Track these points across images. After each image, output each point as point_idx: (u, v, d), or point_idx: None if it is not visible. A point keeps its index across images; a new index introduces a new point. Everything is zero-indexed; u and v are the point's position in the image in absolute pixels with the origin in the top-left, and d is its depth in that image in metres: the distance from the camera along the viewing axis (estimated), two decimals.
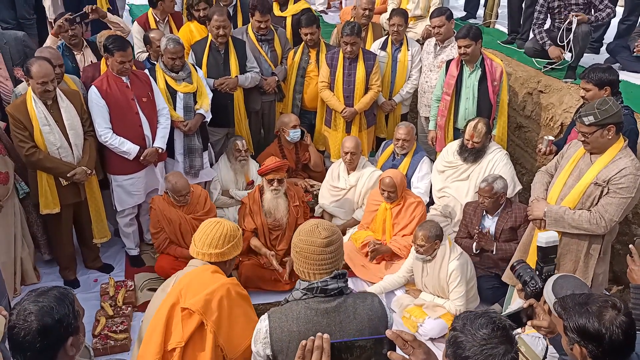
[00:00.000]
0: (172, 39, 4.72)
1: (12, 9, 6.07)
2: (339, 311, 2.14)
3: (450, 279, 4.10)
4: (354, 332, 2.15)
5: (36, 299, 1.94)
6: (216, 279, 2.53)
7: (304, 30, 5.50)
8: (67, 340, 1.94)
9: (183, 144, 4.96)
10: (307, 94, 5.74)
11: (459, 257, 4.13)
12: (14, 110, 4.10)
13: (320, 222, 2.22)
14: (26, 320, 1.88)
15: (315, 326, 2.11)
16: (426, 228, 4.07)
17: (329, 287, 2.14)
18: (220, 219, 2.71)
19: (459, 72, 5.12)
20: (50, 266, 4.88)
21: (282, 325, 2.14)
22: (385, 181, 4.56)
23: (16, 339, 1.88)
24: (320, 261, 2.14)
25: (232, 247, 2.64)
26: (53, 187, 4.28)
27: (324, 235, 2.14)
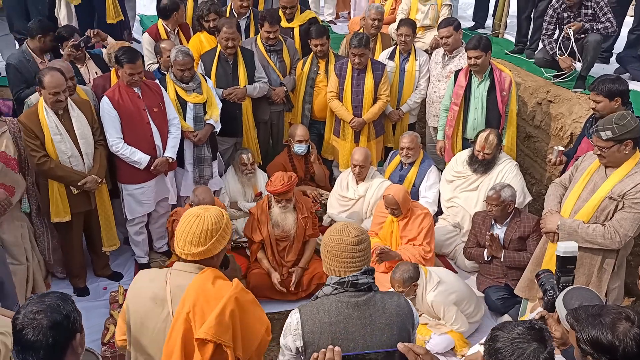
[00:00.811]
0: (181, 50, 4.76)
1: (25, 20, 6.15)
2: (368, 305, 2.25)
3: (434, 310, 4.04)
4: (383, 325, 2.25)
5: (40, 299, 1.98)
6: (221, 291, 2.34)
7: (314, 42, 5.54)
8: (75, 337, 1.98)
9: (193, 154, 4.99)
10: (316, 104, 5.76)
11: (435, 287, 4.01)
12: (26, 120, 4.15)
13: (349, 222, 2.36)
14: (35, 319, 1.91)
15: (347, 318, 2.22)
16: (399, 274, 3.95)
17: (360, 282, 2.24)
18: (201, 212, 2.40)
19: (467, 82, 5.13)
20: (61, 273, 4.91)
21: (314, 317, 2.23)
22: (388, 198, 4.53)
23: (27, 340, 1.90)
24: (351, 259, 2.25)
25: (216, 241, 2.37)
26: (64, 196, 4.32)
27: (354, 234, 2.26)
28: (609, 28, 5.36)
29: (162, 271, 2.46)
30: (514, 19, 7.25)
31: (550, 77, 5.79)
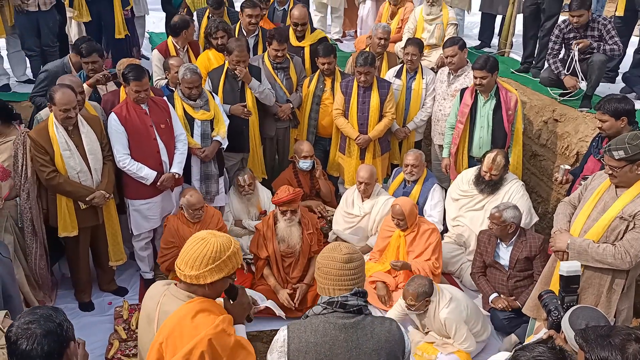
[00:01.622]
0: (189, 68, 4.81)
1: (37, 37, 6.25)
2: (356, 328, 2.21)
3: (446, 328, 4.00)
4: (370, 350, 2.21)
5: (32, 311, 2.02)
6: (198, 328, 2.22)
7: (321, 60, 5.59)
8: (69, 345, 2.01)
9: (200, 170, 5.02)
10: (322, 121, 5.80)
11: (448, 305, 3.98)
12: (35, 135, 4.19)
13: (340, 242, 2.34)
14: (29, 329, 1.93)
15: (332, 339, 2.19)
16: (414, 287, 3.93)
17: (349, 303, 2.22)
18: (208, 236, 2.33)
19: (473, 100, 5.16)
20: (66, 288, 4.93)
21: (301, 335, 2.21)
22: (395, 208, 4.56)
23: (22, 350, 1.92)
24: (340, 277, 2.23)
25: (212, 270, 2.26)
26: (72, 211, 4.35)
27: (344, 252, 2.25)
28: (615, 51, 5.38)
29: (161, 289, 2.42)
30: (520, 38, 7.31)
31: (556, 96, 5.80)
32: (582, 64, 5.49)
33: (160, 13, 8.54)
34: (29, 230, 4.35)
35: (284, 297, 4.59)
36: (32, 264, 4.42)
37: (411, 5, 7.07)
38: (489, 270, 4.62)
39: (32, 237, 4.38)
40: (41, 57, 6.45)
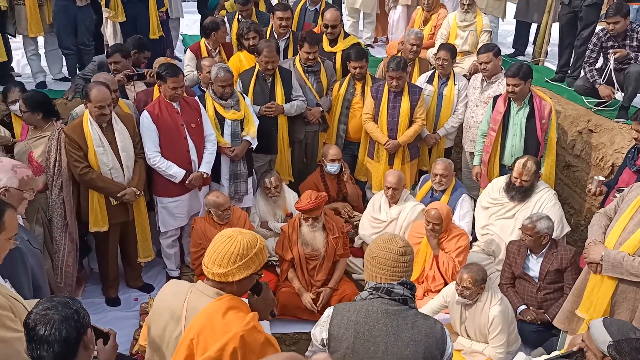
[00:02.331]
0: (222, 67, 4.87)
1: (74, 36, 6.40)
2: (398, 316, 2.29)
3: (491, 326, 3.92)
4: (408, 340, 2.27)
5: (50, 299, 2.05)
6: (229, 325, 2.23)
7: (353, 64, 5.58)
8: (86, 332, 2.03)
9: (229, 170, 5.06)
10: (351, 125, 5.78)
11: (500, 303, 3.92)
12: (70, 131, 4.28)
13: (395, 234, 2.43)
14: (47, 315, 1.97)
15: (373, 321, 2.29)
16: (473, 271, 3.87)
17: (395, 291, 2.30)
18: (235, 234, 2.33)
19: (506, 108, 5.08)
20: (94, 283, 5.01)
21: (344, 313, 2.34)
22: (431, 213, 4.49)
23: (40, 335, 1.95)
24: (394, 268, 2.31)
25: (240, 267, 2.27)
26: (103, 206, 4.42)
27: (400, 245, 2.34)
28: None
29: (186, 286, 2.42)
30: (555, 47, 7.19)
31: (592, 106, 5.68)
32: (619, 74, 5.37)
33: (195, 16, 8.68)
34: (59, 225, 4.41)
35: (307, 300, 4.58)
36: (58, 260, 4.44)
37: (445, 11, 7.02)
38: (518, 282, 4.53)
39: (62, 232, 4.42)
40: (77, 56, 6.60)
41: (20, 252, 2.84)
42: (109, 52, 5.29)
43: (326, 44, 6.07)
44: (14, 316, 2.41)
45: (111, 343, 2.32)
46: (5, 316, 2.39)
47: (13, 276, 2.77)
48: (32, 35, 6.46)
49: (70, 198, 4.42)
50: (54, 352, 1.96)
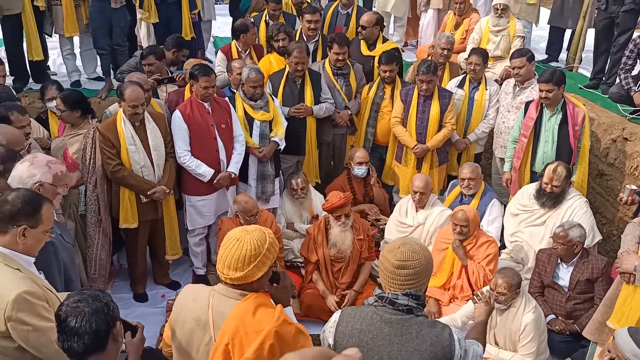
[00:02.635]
0: (253, 68, 4.93)
1: (109, 37, 6.52)
2: (402, 325, 2.22)
3: (523, 333, 3.84)
4: (412, 350, 2.20)
5: (80, 291, 2.10)
6: (261, 323, 2.24)
7: (384, 67, 5.56)
8: (115, 325, 2.07)
9: (257, 170, 5.10)
10: (379, 128, 5.76)
11: (534, 310, 3.85)
12: (104, 129, 4.37)
13: (406, 243, 2.29)
14: (77, 307, 2.02)
15: (377, 330, 2.24)
16: (509, 276, 3.79)
17: (398, 301, 2.23)
18: (242, 235, 2.29)
19: (538, 114, 5.00)
20: (122, 279, 5.09)
21: (349, 320, 2.31)
22: (458, 215, 4.44)
23: (71, 327, 2.00)
24: (390, 279, 2.26)
25: (256, 267, 2.26)
26: (133, 203, 4.50)
27: (398, 257, 2.24)
28: None
29: (205, 291, 2.39)
30: (589, 54, 7.05)
31: (626, 114, 5.55)
32: None
33: (227, 18, 8.76)
34: (93, 220, 4.50)
35: (331, 303, 4.57)
36: (92, 254, 4.53)
37: (477, 15, 6.95)
38: (547, 291, 4.44)
39: (96, 227, 4.51)
40: (111, 56, 6.72)
41: (53, 246, 2.91)
42: (143, 54, 5.40)
43: (364, 47, 6.07)
44: (48, 306, 2.47)
45: (139, 336, 2.35)
46: (40, 306, 2.45)
47: (46, 269, 2.84)
48: (68, 35, 6.60)
49: (104, 195, 4.52)
50: (84, 344, 2.00)
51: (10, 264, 2.47)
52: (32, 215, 2.49)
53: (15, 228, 2.47)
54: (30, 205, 2.49)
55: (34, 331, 2.42)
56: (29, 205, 2.49)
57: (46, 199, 2.63)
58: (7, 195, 2.53)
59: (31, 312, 2.41)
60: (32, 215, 2.49)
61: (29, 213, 2.48)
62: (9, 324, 2.39)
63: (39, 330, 2.42)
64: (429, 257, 2.30)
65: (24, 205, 2.48)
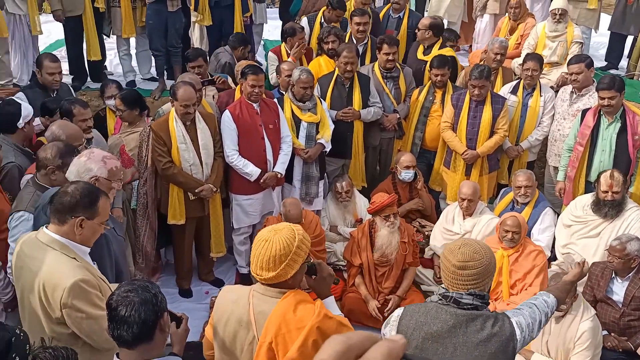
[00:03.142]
0: (304, 70, 4.98)
1: (164, 38, 6.69)
2: (467, 318, 2.28)
3: (579, 340, 3.70)
4: (477, 341, 2.25)
5: (131, 282, 2.16)
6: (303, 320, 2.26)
7: (435, 72, 5.49)
8: (163, 315, 2.11)
9: (301, 171, 5.12)
10: (427, 133, 5.69)
11: (593, 319, 3.71)
12: (157, 127, 4.49)
13: (467, 244, 2.33)
14: (127, 297, 2.07)
15: (442, 323, 2.29)
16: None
17: (463, 300, 2.29)
18: (270, 235, 2.30)
19: (595, 122, 4.81)
20: (169, 274, 5.20)
21: (413, 314, 2.37)
22: (508, 222, 4.33)
23: (121, 316, 2.05)
24: (453, 279, 2.30)
25: (287, 266, 2.26)
26: (182, 200, 4.59)
27: (459, 258, 2.27)
28: None
29: (245, 291, 2.41)
30: None
31: None
32: None
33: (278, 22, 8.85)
34: (141, 213, 4.66)
35: (372, 308, 4.53)
36: (139, 244, 4.70)
37: (532, 20, 6.77)
38: (600, 306, 4.25)
39: (144, 219, 4.67)
40: (165, 57, 6.90)
41: (106, 238, 3.00)
42: (190, 57, 5.46)
43: (420, 52, 6.02)
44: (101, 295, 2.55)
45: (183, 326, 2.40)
46: (94, 294, 2.53)
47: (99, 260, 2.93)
48: (126, 36, 6.81)
49: (152, 190, 4.63)
50: (133, 333, 2.05)
51: (67, 252, 2.56)
52: (90, 207, 2.57)
53: (73, 219, 2.55)
54: (88, 198, 2.57)
55: (87, 318, 2.50)
56: (87, 197, 2.57)
57: (103, 192, 2.71)
58: (67, 188, 2.62)
59: (85, 300, 2.50)
60: (90, 207, 2.58)
61: (86, 205, 2.57)
62: (64, 310, 2.48)
63: (92, 317, 2.50)
64: (491, 256, 2.33)
65: (82, 198, 2.56)
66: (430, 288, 5.02)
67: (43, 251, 2.56)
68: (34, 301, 2.56)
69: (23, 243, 2.66)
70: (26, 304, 2.63)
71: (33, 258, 2.57)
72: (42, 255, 2.55)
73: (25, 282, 2.59)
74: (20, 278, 2.63)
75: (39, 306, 2.55)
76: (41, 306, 2.54)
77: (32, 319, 2.62)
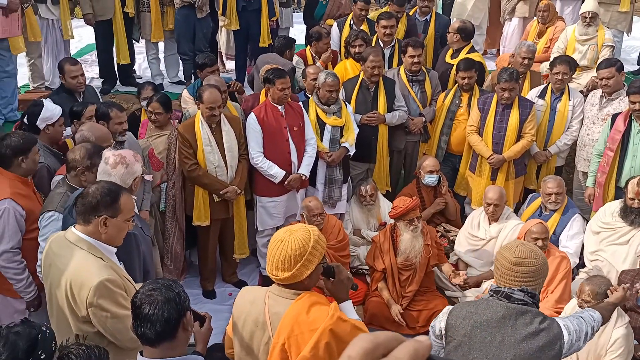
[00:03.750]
0: (330, 73, 4.99)
1: (192, 43, 6.78)
2: (518, 311, 2.34)
3: (611, 348, 3.62)
4: (525, 334, 2.32)
5: (155, 280, 2.19)
6: (316, 322, 2.25)
7: (461, 75, 5.44)
8: (185, 315, 2.14)
9: (325, 174, 5.12)
10: (453, 137, 5.63)
11: (627, 326, 3.64)
12: (183, 130, 4.55)
13: (524, 244, 2.46)
14: (151, 295, 2.10)
15: (492, 313, 2.37)
16: (595, 284, 3.65)
17: (514, 296, 2.36)
18: (285, 236, 2.29)
19: (626, 127, 4.71)
20: (193, 275, 5.24)
21: (463, 306, 2.49)
22: (534, 229, 4.25)
23: (145, 314, 2.08)
24: (507, 275, 2.38)
25: (302, 266, 2.25)
26: (207, 202, 4.64)
27: (516, 255, 2.37)
28: None
29: (261, 292, 2.42)
30: None
31: None
32: None
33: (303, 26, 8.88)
34: (170, 215, 4.73)
35: (395, 312, 4.49)
36: (168, 246, 4.76)
37: (562, 24, 6.66)
38: (630, 314, 4.13)
39: (172, 221, 4.74)
40: (193, 61, 6.98)
41: (135, 238, 3.06)
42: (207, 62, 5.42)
43: (448, 56, 5.99)
44: (126, 295, 2.58)
45: (207, 325, 2.42)
46: (119, 294, 2.57)
47: (128, 260, 2.98)
48: (154, 41, 6.93)
49: (180, 192, 4.70)
50: (156, 331, 2.08)
51: (94, 252, 2.61)
52: (111, 206, 2.62)
53: (97, 218, 2.60)
54: (109, 197, 2.62)
55: (112, 318, 2.55)
56: (108, 196, 2.62)
57: (124, 189, 2.76)
58: (88, 189, 2.69)
59: (111, 299, 2.54)
60: (111, 205, 2.62)
61: (108, 204, 2.61)
62: (90, 309, 2.53)
63: (116, 317, 2.54)
64: (545, 259, 2.43)
65: (103, 197, 2.61)
66: (454, 294, 4.95)
67: (71, 250, 2.61)
68: (61, 299, 2.62)
69: (52, 242, 2.72)
70: (54, 302, 2.69)
71: (61, 256, 2.63)
72: (70, 254, 2.60)
73: (54, 280, 2.65)
74: (49, 276, 2.69)
75: (65, 304, 2.60)
76: (68, 304, 2.59)
77: (59, 316, 2.67)
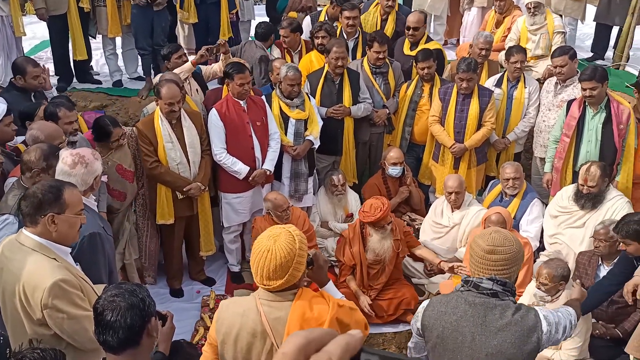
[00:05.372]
0: (291, 66, 4.96)
1: (150, 37, 6.65)
2: (486, 307, 2.33)
3: None
4: (495, 330, 2.31)
5: (118, 286, 2.13)
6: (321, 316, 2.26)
7: (421, 65, 5.49)
8: (150, 321, 2.08)
9: (290, 168, 5.12)
10: (416, 127, 5.69)
11: None
12: (142, 127, 4.47)
13: (498, 231, 2.41)
14: (114, 301, 2.03)
15: (461, 312, 2.37)
16: (552, 267, 3.72)
17: (482, 285, 2.34)
18: (270, 245, 2.23)
19: (581, 113, 4.84)
20: (159, 274, 5.17)
21: (435, 305, 2.47)
22: (493, 218, 4.35)
23: (107, 322, 2.02)
24: (479, 264, 2.35)
25: (294, 270, 2.24)
26: (170, 200, 4.58)
27: (489, 242, 2.34)
28: None
29: (250, 302, 2.34)
30: (637, 52, 6.79)
31: None
32: None
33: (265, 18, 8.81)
34: (141, 213, 4.75)
35: (364, 304, 4.53)
36: (142, 244, 4.76)
37: (519, 13, 6.77)
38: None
39: (144, 219, 4.75)
40: (152, 56, 6.85)
41: (101, 238, 2.99)
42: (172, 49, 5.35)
43: (407, 47, 6.01)
44: (83, 295, 2.53)
45: (168, 324, 2.39)
46: (75, 294, 2.52)
47: (93, 261, 2.92)
48: (111, 36, 6.76)
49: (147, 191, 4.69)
50: (119, 338, 2.02)
51: (46, 253, 2.55)
52: (56, 202, 2.54)
53: (43, 217, 2.52)
54: (51, 193, 2.54)
55: (69, 319, 2.49)
56: (50, 193, 2.54)
57: (67, 184, 2.67)
58: (30, 189, 2.62)
59: (66, 299, 2.49)
60: (56, 201, 2.54)
61: (51, 201, 2.54)
62: (45, 311, 2.47)
63: (73, 318, 2.49)
64: (520, 246, 2.39)
65: (45, 194, 2.53)
66: (420, 281, 5.04)
67: (23, 253, 2.55)
68: (15, 303, 2.55)
69: (4, 245, 2.64)
70: (8, 307, 2.62)
71: (13, 260, 2.56)
72: (22, 257, 2.54)
73: (7, 284, 2.58)
74: (1, 281, 2.62)
75: (19, 308, 2.54)
76: (22, 308, 2.53)
77: (14, 321, 2.61)
